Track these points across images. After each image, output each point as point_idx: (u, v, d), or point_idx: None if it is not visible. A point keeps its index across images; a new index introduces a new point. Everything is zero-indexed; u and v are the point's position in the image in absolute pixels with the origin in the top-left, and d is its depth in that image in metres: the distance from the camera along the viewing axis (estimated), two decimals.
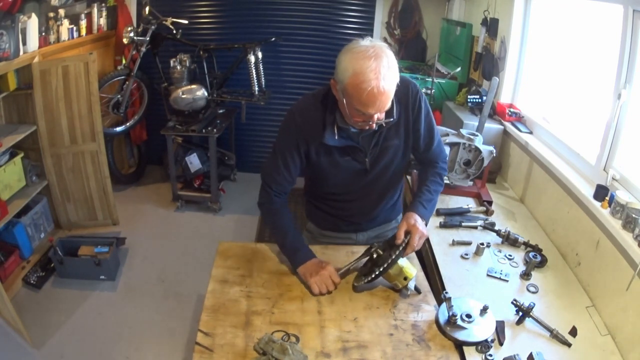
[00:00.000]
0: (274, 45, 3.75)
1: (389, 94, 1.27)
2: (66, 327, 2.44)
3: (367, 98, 1.24)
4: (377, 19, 3.83)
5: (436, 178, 1.60)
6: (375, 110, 1.28)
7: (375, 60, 1.22)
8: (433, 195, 1.56)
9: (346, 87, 1.27)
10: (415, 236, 1.41)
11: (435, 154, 1.61)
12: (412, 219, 1.44)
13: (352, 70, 1.24)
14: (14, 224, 2.71)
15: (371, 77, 1.21)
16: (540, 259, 1.69)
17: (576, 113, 2.13)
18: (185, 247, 3.20)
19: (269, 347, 1.18)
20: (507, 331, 1.36)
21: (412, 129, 1.50)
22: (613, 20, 1.74)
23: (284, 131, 1.50)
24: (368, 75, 1.21)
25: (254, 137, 4.25)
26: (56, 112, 2.91)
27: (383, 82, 1.22)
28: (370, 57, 1.23)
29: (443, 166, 1.64)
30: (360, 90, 1.23)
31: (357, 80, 1.23)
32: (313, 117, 1.44)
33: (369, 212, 1.68)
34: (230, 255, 1.62)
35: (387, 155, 1.51)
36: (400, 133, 1.49)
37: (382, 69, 1.22)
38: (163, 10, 3.46)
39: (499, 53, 2.70)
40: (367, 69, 1.22)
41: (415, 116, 1.48)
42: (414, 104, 1.46)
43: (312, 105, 1.45)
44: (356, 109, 1.29)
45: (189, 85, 3.44)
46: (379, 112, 1.30)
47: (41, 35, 2.80)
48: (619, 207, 1.49)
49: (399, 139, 1.50)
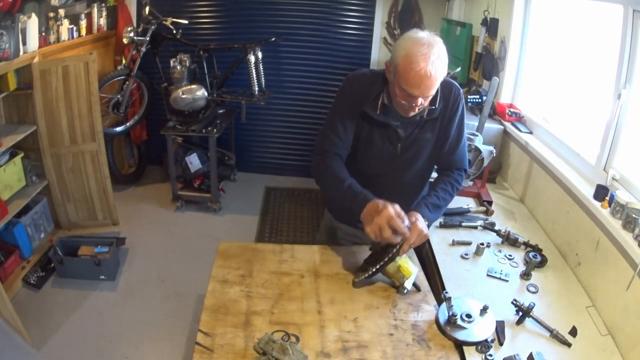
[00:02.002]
0: (274, 45, 3.75)
1: (434, 80, 1.35)
2: (66, 327, 2.44)
3: (413, 78, 1.33)
4: (377, 19, 3.83)
5: (447, 186, 1.58)
6: (419, 92, 1.35)
7: (428, 47, 1.33)
8: (441, 202, 1.54)
9: (397, 67, 1.36)
10: (414, 233, 1.40)
11: (455, 161, 1.62)
12: (413, 217, 1.44)
13: (405, 52, 1.34)
14: (14, 224, 2.71)
15: (420, 60, 1.31)
16: (540, 259, 1.70)
17: (576, 113, 2.13)
18: (185, 247, 3.20)
19: (269, 347, 1.18)
20: (507, 331, 1.36)
21: (444, 129, 1.55)
22: (613, 21, 1.74)
23: (340, 95, 1.57)
24: (418, 57, 1.32)
25: (254, 137, 4.25)
26: (56, 112, 2.91)
27: (430, 67, 1.31)
28: (424, 44, 1.33)
29: (458, 178, 1.62)
30: (409, 70, 1.33)
31: (408, 60, 1.33)
32: (365, 86, 1.52)
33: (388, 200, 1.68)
34: (230, 255, 1.62)
35: (418, 147, 1.56)
36: (435, 129, 1.55)
37: (431, 55, 1.32)
38: (163, 10, 3.46)
39: (499, 53, 2.70)
40: (418, 52, 1.32)
41: (450, 117, 1.54)
42: (453, 105, 1.53)
43: (367, 77, 1.54)
44: (403, 88, 1.37)
45: (189, 85, 3.44)
46: (422, 96, 1.37)
47: (41, 35, 2.80)
48: (619, 207, 1.49)
49: (432, 134, 1.55)
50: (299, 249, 1.68)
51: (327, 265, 1.59)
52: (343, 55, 3.90)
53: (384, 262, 1.40)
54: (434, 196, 1.54)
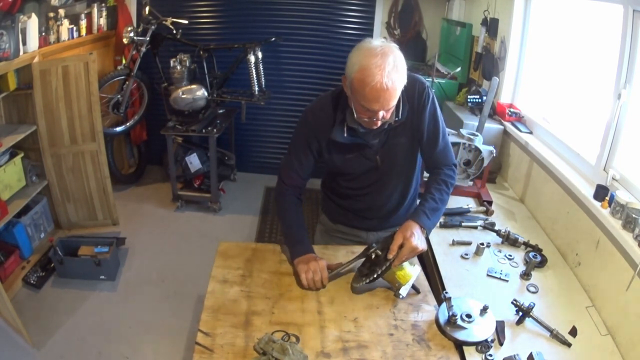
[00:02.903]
0: (274, 45, 3.75)
1: (393, 92, 1.28)
2: (66, 327, 2.44)
3: (370, 93, 1.27)
4: (377, 19, 3.83)
5: (441, 186, 1.54)
6: (378, 106, 1.30)
7: (382, 57, 1.26)
8: (438, 204, 1.50)
9: (352, 82, 1.31)
10: (406, 252, 1.36)
11: (439, 158, 1.57)
12: (408, 231, 1.39)
13: (359, 65, 1.28)
14: (14, 224, 2.71)
15: (375, 72, 1.25)
16: (540, 259, 1.69)
17: (576, 113, 2.13)
18: (185, 247, 3.20)
19: (269, 347, 1.18)
20: (507, 331, 1.36)
21: (417, 128, 1.50)
22: (613, 21, 1.74)
23: (297, 130, 1.57)
24: (373, 70, 1.25)
25: (254, 137, 4.25)
26: (56, 112, 2.91)
27: (386, 79, 1.25)
28: (378, 54, 1.26)
29: (449, 173, 1.57)
30: (365, 84, 1.26)
31: (362, 74, 1.27)
32: (324, 115, 1.49)
33: (380, 208, 1.68)
34: (230, 255, 1.62)
35: (395, 152, 1.53)
36: (407, 131, 1.50)
37: (386, 66, 1.25)
38: (163, 10, 3.46)
39: (499, 53, 2.70)
40: (372, 64, 1.25)
41: (418, 114, 1.48)
42: (418, 102, 1.47)
43: (324, 104, 1.51)
44: (361, 104, 1.32)
45: (189, 85, 3.44)
46: (382, 110, 1.31)
47: (41, 35, 2.80)
48: (619, 207, 1.49)
49: (406, 137, 1.51)
50: None
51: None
52: (343, 55, 3.83)
53: (375, 275, 1.37)
54: (430, 199, 1.50)
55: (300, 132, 1.56)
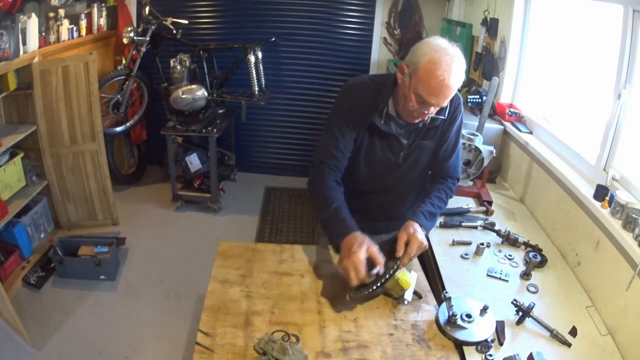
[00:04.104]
0: (274, 45, 3.75)
1: (451, 92, 1.34)
2: (66, 327, 2.44)
3: (435, 85, 1.31)
4: (377, 19, 3.83)
5: (441, 194, 1.58)
6: (436, 101, 1.34)
7: (453, 57, 1.31)
8: (435, 209, 1.53)
9: (418, 70, 1.32)
10: (414, 246, 1.37)
11: (449, 169, 1.62)
12: (411, 228, 1.41)
13: (429, 57, 1.31)
14: (14, 224, 2.71)
15: (445, 69, 1.29)
16: (540, 259, 1.69)
17: (576, 113, 2.13)
18: (185, 247, 3.20)
19: (269, 347, 1.18)
20: (507, 331, 1.36)
21: (443, 134, 1.55)
22: (613, 21, 1.74)
23: (339, 105, 1.54)
24: (443, 65, 1.29)
25: (254, 137, 4.25)
26: (56, 112, 2.90)
27: (452, 78, 1.30)
28: (449, 53, 1.31)
29: (451, 186, 1.62)
30: (432, 76, 1.30)
31: (432, 66, 1.30)
32: (367, 95, 1.50)
33: (387, 211, 1.68)
34: (230, 255, 1.62)
35: (418, 154, 1.56)
36: (436, 136, 1.55)
37: (455, 66, 1.31)
38: (163, 10, 3.46)
39: (499, 53, 2.70)
40: (444, 60, 1.30)
41: (450, 124, 1.54)
42: (454, 112, 1.53)
43: (367, 85, 1.51)
44: (419, 93, 1.34)
45: (189, 85, 3.43)
46: (438, 105, 1.36)
47: (41, 35, 2.80)
48: (619, 207, 1.49)
49: (432, 141, 1.55)
50: (299, 249, 1.68)
51: (327, 265, 1.59)
52: (343, 56, 3.90)
53: (384, 279, 1.35)
54: (428, 204, 1.52)
55: (343, 107, 1.51)
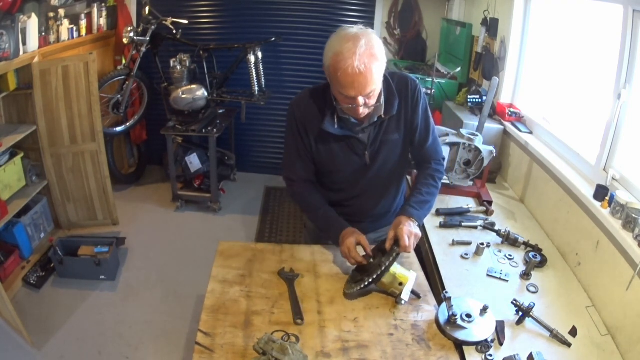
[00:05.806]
0: (274, 45, 3.75)
1: (368, 76, 1.26)
2: (66, 327, 2.44)
3: (344, 78, 1.26)
4: (377, 19, 3.83)
5: (429, 180, 1.56)
6: (354, 92, 1.29)
7: (354, 41, 1.25)
8: (425, 197, 1.51)
9: (329, 69, 1.31)
10: (404, 236, 1.36)
11: (429, 153, 1.59)
12: (398, 222, 1.41)
13: (333, 51, 1.28)
14: (14, 224, 2.71)
15: (347, 57, 1.24)
16: (540, 259, 1.70)
17: (576, 113, 2.13)
18: (185, 247, 3.20)
19: (269, 347, 1.18)
20: (507, 331, 1.36)
21: (410, 123, 1.52)
22: (613, 21, 1.74)
23: (288, 125, 1.56)
24: (345, 55, 1.24)
25: (254, 137, 4.25)
26: (56, 112, 2.91)
27: (358, 63, 1.23)
28: (350, 39, 1.26)
29: (437, 167, 1.59)
30: (338, 70, 1.26)
31: (336, 59, 1.27)
32: (311, 107, 1.49)
33: (369, 211, 1.67)
34: (230, 255, 1.62)
35: (387, 150, 1.52)
36: (401, 127, 1.51)
37: (358, 49, 1.24)
38: (163, 10, 3.46)
39: (499, 53, 2.70)
40: (345, 49, 1.25)
41: (412, 110, 1.50)
42: (412, 98, 1.48)
43: (309, 97, 1.51)
44: (339, 91, 1.32)
45: (189, 85, 3.43)
46: (360, 95, 1.30)
47: (41, 35, 2.80)
48: (619, 207, 1.49)
49: (399, 134, 1.51)
50: (299, 249, 1.68)
51: (327, 265, 1.59)
52: None
53: (380, 272, 1.35)
54: (417, 194, 1.51)
55: (290, 126, 1.55)
